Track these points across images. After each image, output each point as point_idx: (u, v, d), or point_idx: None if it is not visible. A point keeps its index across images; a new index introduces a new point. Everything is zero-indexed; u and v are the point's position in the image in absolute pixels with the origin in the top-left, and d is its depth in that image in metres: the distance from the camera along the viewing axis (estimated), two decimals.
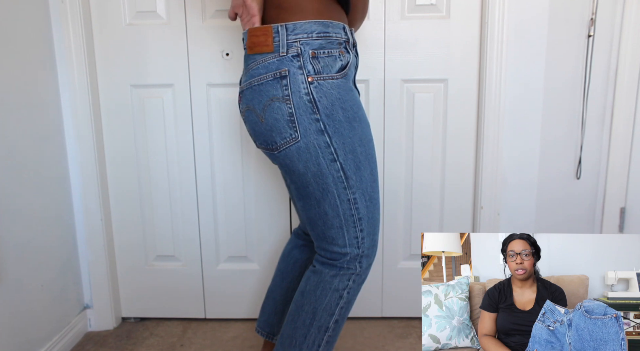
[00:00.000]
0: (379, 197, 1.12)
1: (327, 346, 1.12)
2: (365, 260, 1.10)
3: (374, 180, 1.09)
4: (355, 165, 1.05)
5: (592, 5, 1.51)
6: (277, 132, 1.02)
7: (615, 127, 1.57)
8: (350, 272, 1.09)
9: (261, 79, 1.02)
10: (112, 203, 1.71)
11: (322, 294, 1.10)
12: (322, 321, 1.10)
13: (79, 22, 1.53)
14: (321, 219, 1.07)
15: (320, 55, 1.02)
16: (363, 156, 1.06)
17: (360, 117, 1.05)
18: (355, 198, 1.05)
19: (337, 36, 1.04)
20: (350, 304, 1.12)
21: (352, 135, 1.04)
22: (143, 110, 1.64)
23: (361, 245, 1.08)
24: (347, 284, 1.10)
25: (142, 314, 1.79)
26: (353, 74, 1.11)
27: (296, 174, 1.05)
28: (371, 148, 1.08)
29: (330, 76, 1.02)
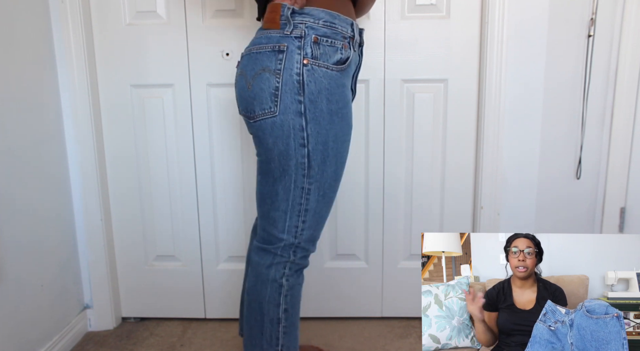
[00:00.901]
0: (334, 197, 1.12)
1: (287, 338, 1.13)
2: (300, 251, 1.11)
3: (336, 180, 1.09)
4: (322, 158, 1.05)
5: (592, 5, 1.51)
6: (259, 102, 1.03)
7: (615, 127, 1.57)
8: (284, 260, 1.11)
9: (260, 48, 1.04)
10: (112, 203, 1.71)
11: (262, 287, 1.11)
12: (271, 314, 1.11)
13: (79, 22, 1.53)
14: (270, 198, 1.09)
15: (322, 43, 1.03)
16: (333, 152, 1.06)
17: (343, 114, 1.05)
18: (309, 189, 1.07)
19: (343, 30, 1.04)
20: (294, 290, 1.12)
21: (329, 129, 1.04)
22: (143, 110, 1.64)
23: (298, 236, 1.10)
24: (284, 272, 1.11)
25: (142, 314, 1.79)
26: (353, 71, 1.11)
27: (264, 147, 1.06)
28: (344, 149, 1.08)
29: (325, 65, 1.03)
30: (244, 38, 1.57)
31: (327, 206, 1.11)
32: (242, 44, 1.58)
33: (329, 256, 1.73)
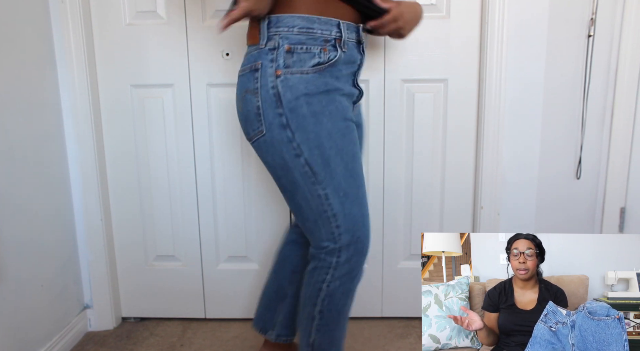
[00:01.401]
0: (359, 192, 1.08)
1: (319, 335, 1.14)
2: (344, 253, 1.09)
3: (351, 176, 1.06)
4: (324, 161, 1.04)
5: (592, 5, 1.51)
6: (250, 124, 1.05)
7: (615, 127, 1.57)
8: (326, 265, 1.09)
9: (243, 70, 1.06)
10: (112, 203, 1.71)
11: (306, 285, 1.14)
12: (308, 309, 1.14)
13: (79, 22, 1.53)
14: (297, 211, 1.09)
15: (297, 51, 1.02)
16: (333, 151, 1.04)
17: (330, 111, 1.04)
18: (326, 194, 1.05)
19: (324, 33, 1.03)
20: (334, 297, 1.11)
21: (319, 130, 1.03)
22: (143, 110, 1.64)
23: (338, 240, 1.08)
24: (325, 277, 1.10)
25: (142, 314, 1.79)
26: (350, 70, 1.10)
27: (268, 166, 1.08)
28: (347, 143, 1.06)
29: (300, 70, 1.02)
30: (244, 38, 1.57)
31: (355, 203, 1.07)
32: (242, 44, 1.57)
33: None
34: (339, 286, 1.11)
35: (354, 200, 1.07)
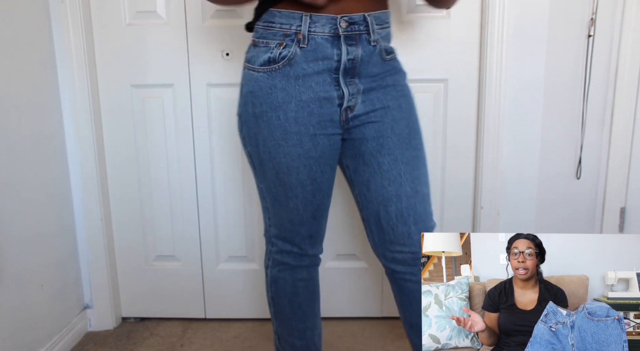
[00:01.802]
0: (290, 202, 1.08)
1: (277, 323, 1.22)
2: (271, 245, 1.17)
3: (282, 186, 1.06)
4: (259, 161, 1.09)
5: (592, 5, 1.51)
6: None
7: (615, 127, 1.57)
8: (267, 250, 1.20)
9: None
10: (112, 203, 1.71)
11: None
12: (267, 295, 1.23)
13: (79, 22, 1.53)
14: None
15: (259, 44, 1.03)
16: (266, 156, 1.05)
17: (268, 118, 1.01)
18: (262, 188, 1.13)
19: (283, 27, 0.99)
20: (278, 283, 1.18)
21: (257, 132, 1.05)
22: (143, 110, 1.64)
23: (268, 230, 1.18)
24: (268, 263, 1.19)
25: (142, 314, 1.79)
26: (309, 69, 1.00)
27: None
28: (281, 154, 1.03)
29: (252, 67, 1.04)
30: (244, 38, 1.57)
31: (284, 210, 1.09)
32: (242, 44, 1.57)
33: (329, 256, 1.73)
34: (278, 273, 1.17)
35: (282, 207, 1.10)
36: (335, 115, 1.04)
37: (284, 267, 1.17)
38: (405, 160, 1.05)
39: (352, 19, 0.98)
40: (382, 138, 1.05)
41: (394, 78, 1.09)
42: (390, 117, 1.06)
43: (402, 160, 1.05)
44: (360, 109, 1.05)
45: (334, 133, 1.06)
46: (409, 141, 1.06)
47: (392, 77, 1.09)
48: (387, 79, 1.08)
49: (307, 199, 1.08)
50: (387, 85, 1.08)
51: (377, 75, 1.06)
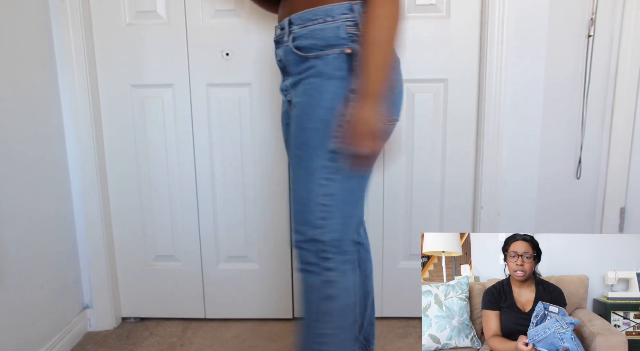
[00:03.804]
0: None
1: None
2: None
3: None
4: None
5: (592, 5, 1.51)
6: None
7: (615, 127, 1.57)
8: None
9: None
10: (112, 203, 1.71)
11: None
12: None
13: (79, 22, 1.53)
14: None
15: None
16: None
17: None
18: None
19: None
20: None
21: None
22: (143, 110, 1.64)
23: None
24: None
25: (142, 314, 1.79)
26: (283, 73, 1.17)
27: None
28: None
29: None
30: (244, 38, 1.57)
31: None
32: (242, 44, 1.58)
33: None
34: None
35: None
36: (287, 107, 1.20)
37: None
38: (291, 156, 1.12)
39: (281, 26, 1.13)
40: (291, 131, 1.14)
41: (306, 75, 1.09)
42: (292, 116, 1.11)
43: (291, 155, 1.13)
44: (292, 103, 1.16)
45: (287, 122, 1.21)
46: (295, 139, 1.09)
47: (305, 74, 1.09)
48: (302, 76, 1.10)
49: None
50: (300, 81, 1.11)
51: (298, 73, 1.11)
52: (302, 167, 1.06)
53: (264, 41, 1.57)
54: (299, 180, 1.06)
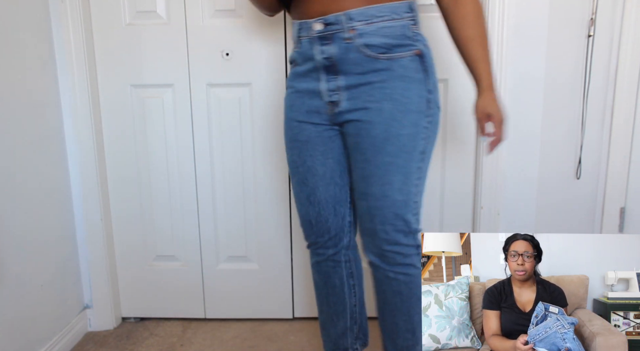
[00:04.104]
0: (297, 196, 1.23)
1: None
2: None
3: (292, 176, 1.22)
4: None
5: (592, 5, 1.51)
6: None
7: (615, 127, 1.57)
8: None
9: None
10: (112, 203, 1.71)
11: None
12: None
13: (79, 22, 1.53)
14: None
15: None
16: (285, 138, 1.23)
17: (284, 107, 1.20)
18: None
19: (294, 34, 1.14)
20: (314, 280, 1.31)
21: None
22: (143, 110, 1.64)
23: None
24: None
25: (142, 314, 1.79)
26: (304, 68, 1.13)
27: None
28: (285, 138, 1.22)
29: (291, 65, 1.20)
30: (244, 38, 1.57)
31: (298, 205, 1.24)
32: (242, 44, 1.57)
33: None
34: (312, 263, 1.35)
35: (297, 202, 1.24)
36: (321, 107, 1.12)
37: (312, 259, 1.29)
38: (376, 164, 1.07)
39: (326, 20, 1.05)
40: (358, 136, 1.09)
41: (382, 78, 1.06)
42: (367, 119, 1.08)
43: (373, 162, 1.08)
44: (345, 106, 1.09)
45: (320, 123, 1.14)
46: (383, 146, 1.07)
47: (380, 77, 1.06)
48: (374, 78, 1.07)
49: (301, 181, 1.20)
50: (372, 84, 1.07)
51: (364, 73, 1.07)
52: (399, 172, 1.08)
53: (264, 41, 1.57)
54: (396, 185, 1.08)
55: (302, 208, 1.21)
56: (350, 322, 1.29)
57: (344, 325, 1.29)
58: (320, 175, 1.17)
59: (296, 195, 1.22)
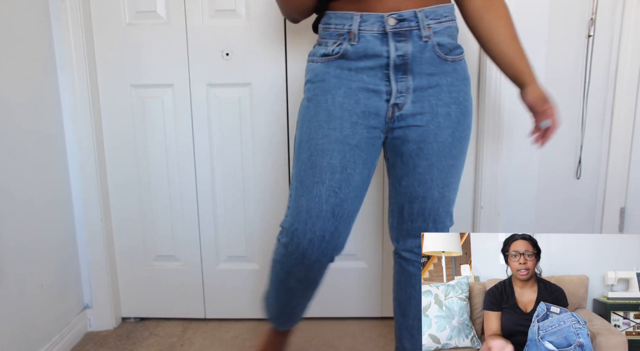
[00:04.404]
0: (313, 187, 1.05)
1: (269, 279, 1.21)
2: (281, 236, 1.11)
3: (311, 167, 1.05)
4: (298, 143, 1.10)
5: (592, 5, 1.51)
6: None
7: (615, 127, 1.57)
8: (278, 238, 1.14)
9: None
10: (112, 203, 1.71)
11: None
12: None
13: (79, 22, 1.53)
14: None
15: (320, 43, 1.10)
16: (305, 137, 1.07)
17: (318, 101, 1.07)
18: (294, 173, 1.10)
19: (337, 27, 1.05)
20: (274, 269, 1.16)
21: (304, 114, 1.09)
22: (143, 110, 1.64)
23: (284, 219, 1.10)
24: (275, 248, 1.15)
25: (142, 314, 1.79)
26: (361, 64, 1.04)
27: None
28: (319, 135, 1.05)
29: (312, 59, 1.10)
30: (244, 38, 1.57)
31: (304, 195, 1.06)
32: (242, 44, 1.57)
33: None
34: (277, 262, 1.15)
35: (303, 191, 1.06)
36: (381, 109, 1.06)
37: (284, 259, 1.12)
38: (440, 168, 1.08)
39: (401, 16, 1.01)
40: (423, 143, 1.07)
41: (450, 81, 1.06)
42: (435, 124, 1.07)
43: (437, 166, 1.08)
44: (409, 109, 1.06)
45: (376, 126, 1.07)
46: (449, 150, 1.08)
47: (448, 79, 1.06)
48: (443, 81, 1.06)
49: (332, 189, 1.05)
50: (441, 87, 1.06)
51: (432, 75, 1.05)
52: (457, 173, 1.12)
53: (264, 41, 1.57)
54: (452, 186, 1.12)
55: (319, 221, 1.05)
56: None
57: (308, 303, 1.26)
58: (354, 186, 1.07)
59: (315, 204, 1.05)
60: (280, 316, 1.27)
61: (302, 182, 1.07)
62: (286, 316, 1.26)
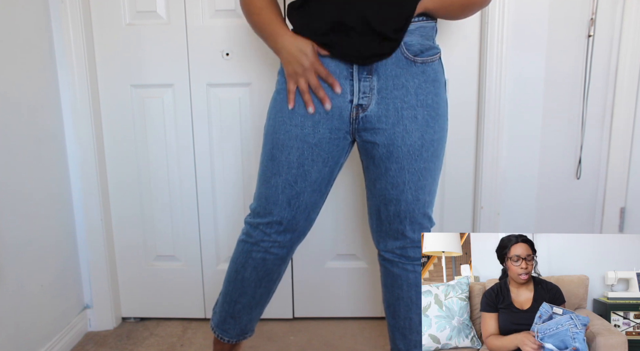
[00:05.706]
0: (271, 177, 1.11)
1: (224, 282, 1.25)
2: (248, 216, 1.19)
3: (271, 159, 1.11)
4: (265, 134, 1.14)
5: (592, 5, 1.51)
6: None
7: (615, 127, 1.57)
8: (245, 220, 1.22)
9: None
10: (112, 203, 1.71)
11: None
12: None
13: (79, 22, 1.53)
14: None
15: None
16: (270, 129, 1.12)
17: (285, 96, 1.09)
18: (260, 161, 1.16)
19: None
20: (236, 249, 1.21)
21: (273, 106, 1.12)
22: (143, 110, 1.64)
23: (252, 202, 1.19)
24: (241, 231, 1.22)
25: (142, 314, 1.79)
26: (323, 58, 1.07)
27: None
28: (281, 131, 1.08)
29: None
30: (244, 38, 1.57)
31: (265, 186, 1.12)
32: (242, 44, 1.58)
33: (329, 256, 1.73)
34: (240, 240, 1.22)
35: (265, 182, 1.13)
36: (345, 110, 1.05)
37: (246, 238, 1.18)
38: (412, 171, 1.07)
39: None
40: (392, 146, 1.06)
41: (417, 83, 1.03)
42: (401, 127, 1.05)
43: (409, 169, 1.07)
44: (373, 111, 1.05)
45: (339, 127, 1.07)
46: (419, 153, 1.07)
47: (415, 81, 1.03)
48: (409, 83, 1.03)
49: (288, 182, 1.10)
50: (407, 89, 1.03)
51: (398, 76, 1.03)
52: (430, 175, 1.10)
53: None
54: (427, 188, 1.11)
55: (276, 208, 1.11)
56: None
57: (257, 316, 1.27)
58: (311, 182, 1.10)
59: (272, 194, 1.11)
60: (225, 320, 1.24)
61: (264, 171, 1.13)
62: (232, 322, 1.24)
